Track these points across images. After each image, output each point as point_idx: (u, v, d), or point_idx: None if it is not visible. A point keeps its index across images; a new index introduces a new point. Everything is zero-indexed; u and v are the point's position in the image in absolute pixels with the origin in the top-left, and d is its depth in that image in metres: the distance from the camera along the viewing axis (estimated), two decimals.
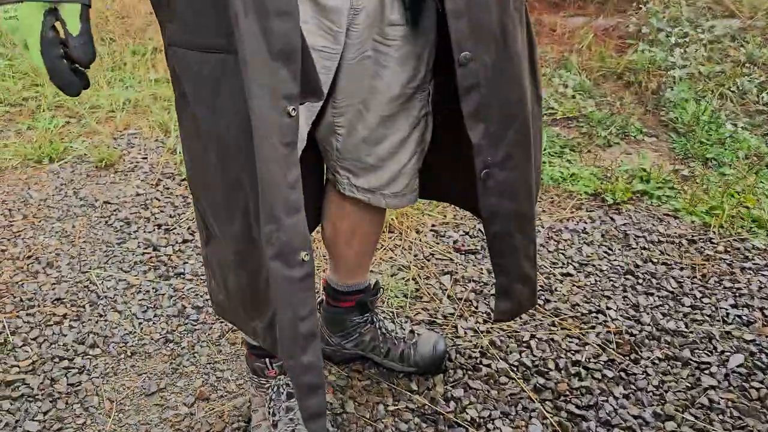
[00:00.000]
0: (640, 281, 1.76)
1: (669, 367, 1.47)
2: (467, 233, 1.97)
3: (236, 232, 0.93)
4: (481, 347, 1.53)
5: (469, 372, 1.46)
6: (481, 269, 1.80)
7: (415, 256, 1.86)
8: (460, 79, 0.91)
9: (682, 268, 1.81)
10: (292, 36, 0.80)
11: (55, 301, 1.69)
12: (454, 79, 0.93)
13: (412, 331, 1.47)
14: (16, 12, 0.80)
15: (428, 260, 1.85)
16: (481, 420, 1.35)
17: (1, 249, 1.90)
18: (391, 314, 1.63)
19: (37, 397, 1.41)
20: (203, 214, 1.01)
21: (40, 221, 2.03)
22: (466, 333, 1.58)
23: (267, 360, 1.27)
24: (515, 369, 1.48)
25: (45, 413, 1.38)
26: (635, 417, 1.35)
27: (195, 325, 1.62)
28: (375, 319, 1.45)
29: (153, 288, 1.74)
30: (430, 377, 1.45)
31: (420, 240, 1.93)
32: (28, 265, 1.83)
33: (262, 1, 0.78)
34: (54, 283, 1.76)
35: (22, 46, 0.83)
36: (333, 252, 1.35)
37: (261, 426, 1.28)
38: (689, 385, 1.42)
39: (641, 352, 1.52)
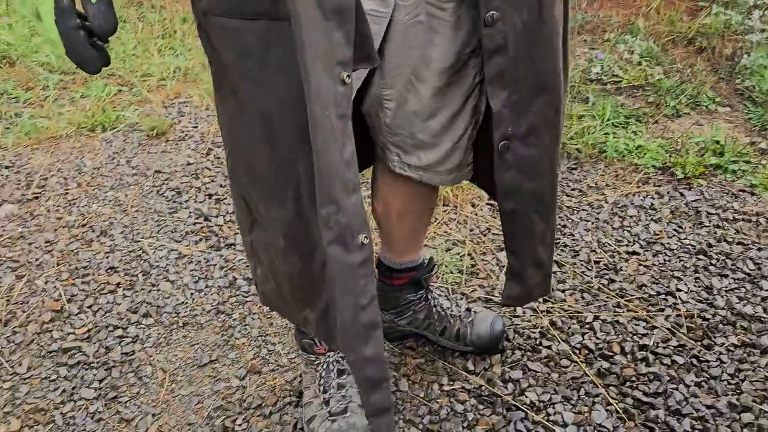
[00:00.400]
0: (714, 262, 1.64)
1: (745, 355, 1.37)
2: None
3: (287, 214, 0.86)
4: (541, 328, 1.46)
5: (528, 353, 1.39)
6: None
7: (471, 230, 1.79)
8: (485, 40, 0.83)
9: (759, 249, 1.68)
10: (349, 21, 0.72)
11: (109, 270, 1.70)
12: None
13: (468, 309, 1.41)
14: None
15: (484, 235, 1.77)
16: (541, 404, 1.29)
17: (57, 217, 1.92)
18: (446, 291, 1.57)
19: (92, 365, 1.42)
20: (247, 198, 0.94)
21: (93, 189, 2.04)
22: (524, 312, 1.50)
23: (311, 338, 1.24)
24: (577, 351, 1.40)
25: (100, 381, 1.38)
26: (708, 407, 1.26)
27: (246, 297, 1.59)
28: (429, 297, 1.39)
29: (204, 258, 1.73)
30: (487, 357, 1.39)
31: (476, 214, 1.85)
32: (82, 233, 1.84)
33: None
34: (108, 252, 1.76)
35: (33, 17, 0.73)
36: (385, 230, 1.29)
37: (313, 403, 1.25)
38: None
39: (715, 337, 1.41)
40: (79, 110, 2.50)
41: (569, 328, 1.46)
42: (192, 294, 1.61)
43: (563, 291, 1.57)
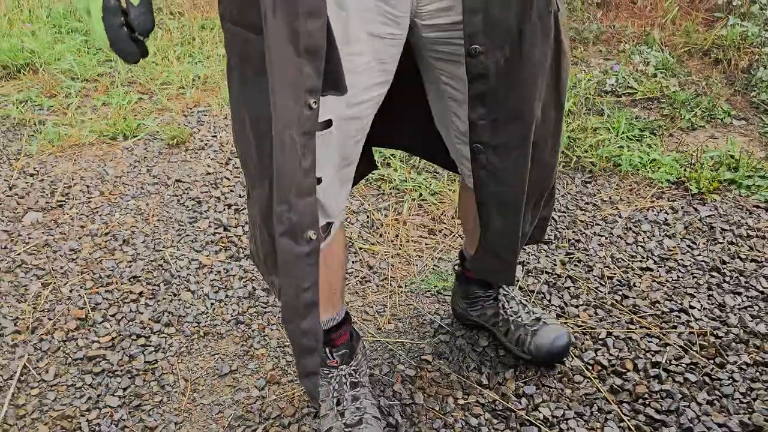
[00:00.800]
0: (727, 279, 1.65)
1: (758, 374, 1.39)
2: None
3: (263, 197, 0.99)
4: None
5: (542, 369, 1.42)
6: (555, 260, 1.74)
7: None
8: (468, 66, 0.93)
9: None
10: (319, 35, 0.82)
11: (132, 279, 1.74)
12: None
13: (538, 319, 1.43)
14: None
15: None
16: (554, 419, 1.31)
17: (81, 225, 1.97)
18: (527, 299, 1.61)
19: (116, 372, 1.46)
20: (244, 171, 1.06)
21: (116, 198, 2.09)
22: None
23: (327, 350, 1.29)
24: (590, 367, 1.42)
25: (124, 389, 1.42)
26: (720, 425, 1.28)
27: (265, 308, 1.63)
28: (500, 297, 1.46)
29: (224, 269, 1.77)
30: (501, 372, 1.41)
31: None
32: (105, 242, 1.89)
33: (293, 1, 0.80)
34: (130, 261, 1.81)
35: (84, 13, 0.86)
36: (464, 226, 1.45)
37: (329, 415, 1.28)
38: None
39: (727, 356, 1.43)
40: (100, 118, 2.55)
41: (582, 344, 1.48)
42: (212, 304, 1.65)
43: (576, 306, 1.59)
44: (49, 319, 1.61)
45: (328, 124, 0.94)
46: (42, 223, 1.98)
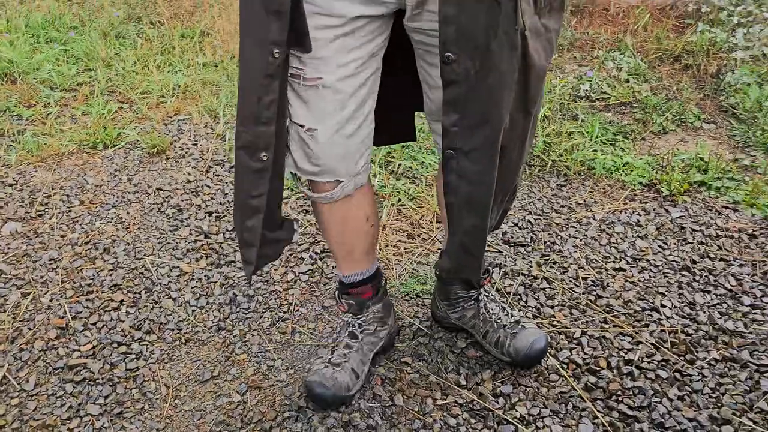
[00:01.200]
0: (697, 278, 1.70)
1: (726, 369, 1.43)
2: (516, 225, 1.95)
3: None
4: None
5: (519, 369, 1.45)
6: (531, 262, 1.78)
7: None
8: (442, 73, 1.03)
9: (741, 265, 1.74)
10: (284, 2, 1.01)
11: (113, 287, 1.75)
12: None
13: (517, 321, 1.46)
14: None
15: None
16: (531, 417, 1.35)
17: (61, 234, 1.97)
18: (505, 300, 1.63)
19: (97, 381, 1.47)
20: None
21: (96, 207, 2.09)
22: None
23: (338, 293, 1.45)
24: (565, 366, 1.46)
25: (106, 397, 1.43)
26: (690, 420, 1.32)
27: (246, 314, 1.65)
28: (481, 299, 1.49)
29: (205, 276, 1.78)
30: (478, 373, 1.44)
31: None
32: (86, 250, 1.89)
33: None
34: (111, 269, 1.81)
35: None
36: (442, 212, 1.45)
37: (325, 350, 1.47)
38: (747, 388, 1.38)
39: (697, 352, 1.48)
40: (80, 127, 2.55)
41: (558, 343, 1.52)
42: (193, 311, 1.66)
43: (552, 307, 1.63)
44: (29, 329, 1.62)
45: (319, 79, 1.10)
46: (21, 233, 1.97)
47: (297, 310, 1.66)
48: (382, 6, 1.09)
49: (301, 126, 1.15)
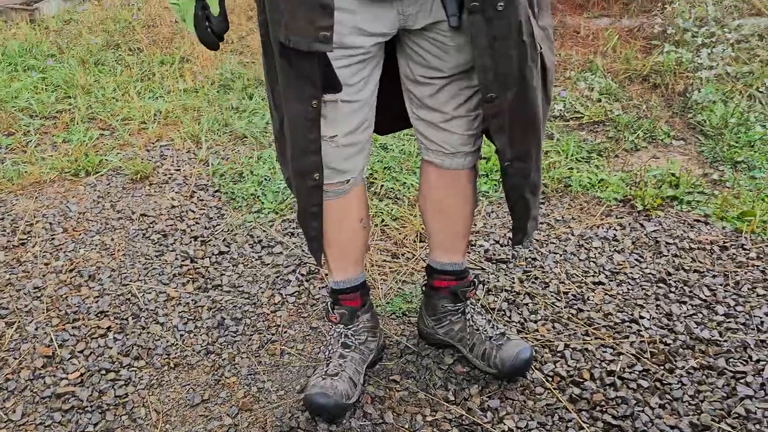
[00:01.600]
0: (673, 289, 1.76)
1: (704, 377, 1.48)
2: (497, 242, 1.99)
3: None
4: None
5: (505, 383, 1.48)
6: (513, 278, 1.82)
7: None
8: (485, 109, 1.22)
9: (714, 276, 1.81)
10: (313, 70, 1.18)
11: (99, 314, 1.75)
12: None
13: (503, 334, 1.50)
14: (177, 0, 1.22)
15: None
16: (519, 430, 1.38)
17: (45, 262, 1.96)
18: (489, 313, 1.66)
19: (86, 408, 1.47)
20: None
21: (80, 234, 2.09)
22: None
23: (330, 304, 1.50)
24: (550, 379, 1.49)
25: (95, 425, 1.43)
26: (672, 427, 1.37)
27: (234, 337, 1.66)
28: (467, 311, 1.53)
29: (192, 300, 1.79)
30: (466, 388, 1.47)
31: None
32: (71, 278, 1.89)
33: (293, 52, 1.14)
34: (97, 296, 1.81)
35: (181, 20, 1.24)
36: (426, 226, 1.54)
37: (320, 365, 1.48)
38: (725, 394, 1.43)
39: (676, 361, 1.53)
40: (61, 155, 2.55)
41: (542, 357, 1.56)
42: (182, 335, 1.67)
43: (535, 321, 1.67)
44: (15, 359, 1.61)
45: (336, 99, 1.25)
46: (4, 262, 1.96)
47: (285, 332, 1.67)
48: (390, 31, 1.23)
49: (323, 137, 1.28)
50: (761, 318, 1.65)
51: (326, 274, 1.63)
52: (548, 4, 1.29)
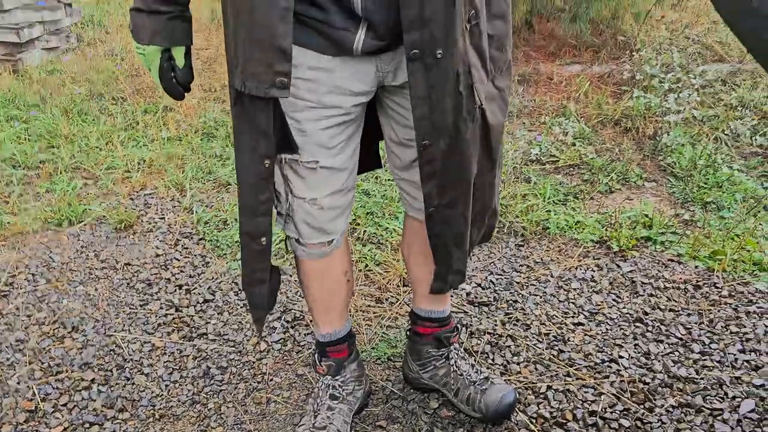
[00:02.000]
0: (650, 329, 1.81)
1: (683, 415, 1.52)
2: (479, 285, 2.03)
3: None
4: None
5: (489, 426, 1.50)
6: (495, 321, 1.86)
7: None
8: (419, 156, 1.20)
9: (689, 314, 1.86)
10: (269, 124, 1.16)
11: (83, 366, 1.74)
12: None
13: (486, 378, 1.53)
14: (144, 50, 1.22)
15: None
16: None
17: (27, 314, 1.95)
18: (472, 357, 1.68)
19: None
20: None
21: (63, 285, 2.09)
22: None
23: (318, 356, 1.51)
24: (534, 421, 1.52)
25: None
26: None
27: (220, 386, 1.66)
28: (451, 356, 1.55)
29: (177, 349, 1.79)
30: None
31: None
32: (54, 329, 1.88)
33: (249, 101, 1.12)
34: (80, 348, 1.81)
35: (148, 69, 1.26)
36: (409, 274, 1.55)
37: (306, 415, 1.49)
38: (704, 431, 1.47)
39: (655, 400, 1.56)
40: (44, 205, 2.56)
41: (525, 398, 1.58)
42: (167, 386, 1.67)
43: (518, 363, 1.70)
44: None
45: (315, 162, 1.23)
46: None
47: (271, 380, 1.68)
48: (370, 89, 1.22)
49: (303, 198, 1.27)
50: (735, 355, 1.69)
51: (311, 321, 1.65)
52: (509, 67, 1.30)
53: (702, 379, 1.62)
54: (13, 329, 1.89)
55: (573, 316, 1.87)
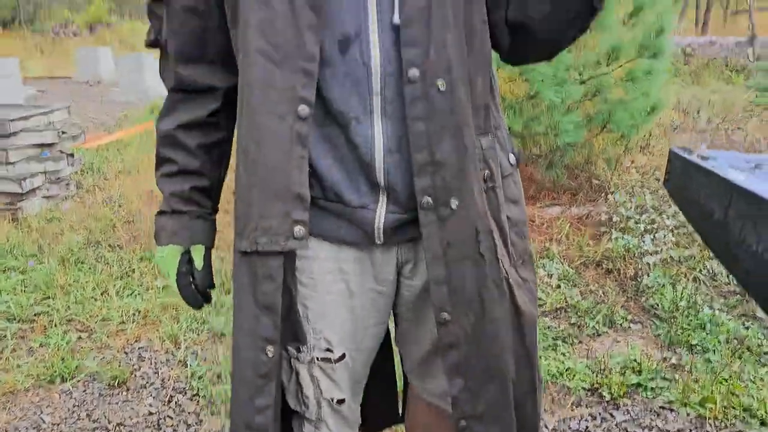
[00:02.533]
0: None
1: None
2: None
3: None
4: None
5: None
6: None
7: None
8: (440, 335, 1.01)
9: None
10: (274, 296, 0.99)
11: None
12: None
13: None
14: (163, 252, 1.13)
15: None
16: None
17: None
18: None
19: None
20: None
21: None
22: None
23: None
24: None
25: None
26: None
27: None
28: None
29: None
30: None
31: None
32: None
33: (255, 266, 0.98)
34: None
35: (165, 274, 1.15)
36: None
37: None
38: None
39: None
40: (37, 360, 2.56)
41: None
42: None
43: None
44: None
45: (343, 356, 1.09)
46: None
47: None
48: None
49: (331, 399, 1.12)
50: None
51: None
52: (531, 257, 1.16)
53: None
54: None
55: None
